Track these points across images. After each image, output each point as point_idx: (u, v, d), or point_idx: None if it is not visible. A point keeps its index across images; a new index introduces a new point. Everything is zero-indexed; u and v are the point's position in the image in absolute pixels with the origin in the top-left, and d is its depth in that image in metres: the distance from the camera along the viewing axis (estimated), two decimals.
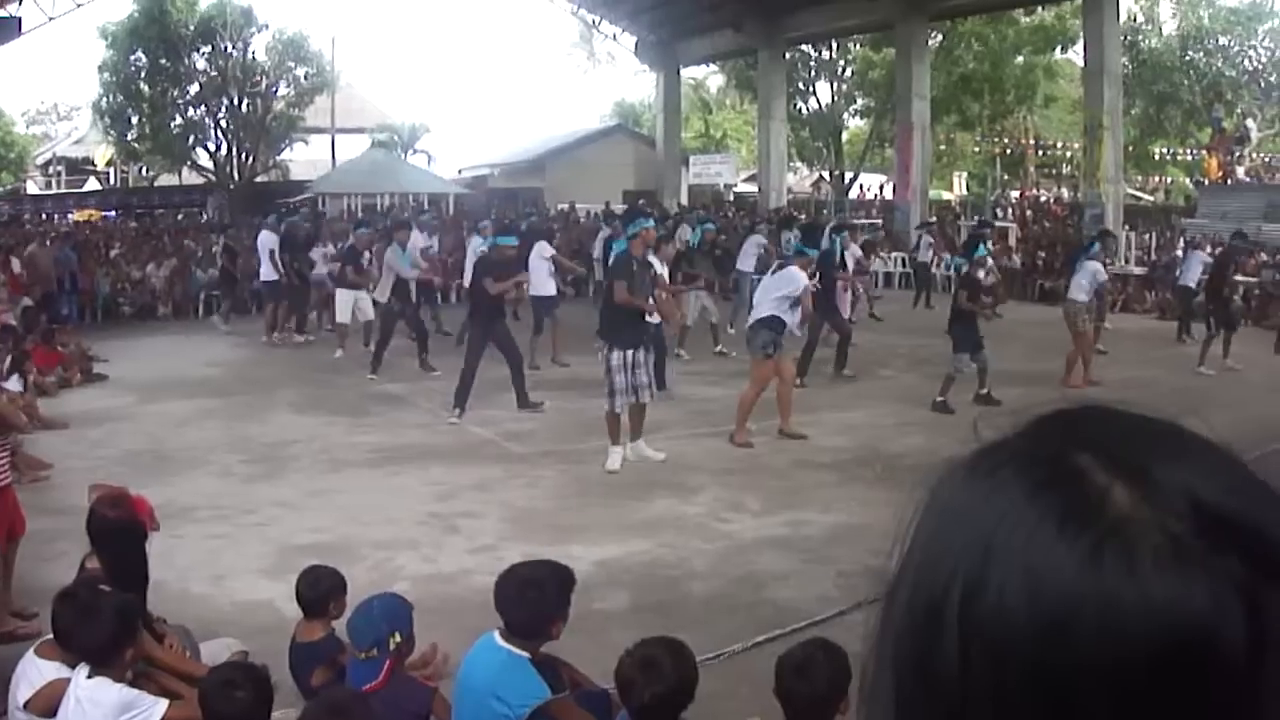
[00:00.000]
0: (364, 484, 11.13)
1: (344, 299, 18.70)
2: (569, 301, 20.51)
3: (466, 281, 18.36)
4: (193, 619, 6.56)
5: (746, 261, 20.19)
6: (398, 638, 4.92)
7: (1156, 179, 50.18)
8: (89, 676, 4.65)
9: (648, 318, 12.23)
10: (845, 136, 51.54)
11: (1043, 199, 44.09)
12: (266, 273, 21.23)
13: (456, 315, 19.26)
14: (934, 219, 31.69)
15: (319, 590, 5.78)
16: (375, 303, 18.02)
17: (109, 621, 4.74)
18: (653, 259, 12.61)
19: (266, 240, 21.28)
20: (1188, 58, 49.29)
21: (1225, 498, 0.74)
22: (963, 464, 0.82)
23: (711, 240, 21.75)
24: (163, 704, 4.77)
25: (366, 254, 19.19)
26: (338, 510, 10.15)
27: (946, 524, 0.80)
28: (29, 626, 6.85)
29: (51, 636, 4.96)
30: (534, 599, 4.86)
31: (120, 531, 5.60)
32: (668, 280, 13.95)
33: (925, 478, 0.84)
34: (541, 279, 17.38)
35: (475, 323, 14.57)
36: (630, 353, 11.50)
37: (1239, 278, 20.50)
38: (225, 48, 40.55)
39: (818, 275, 14.23)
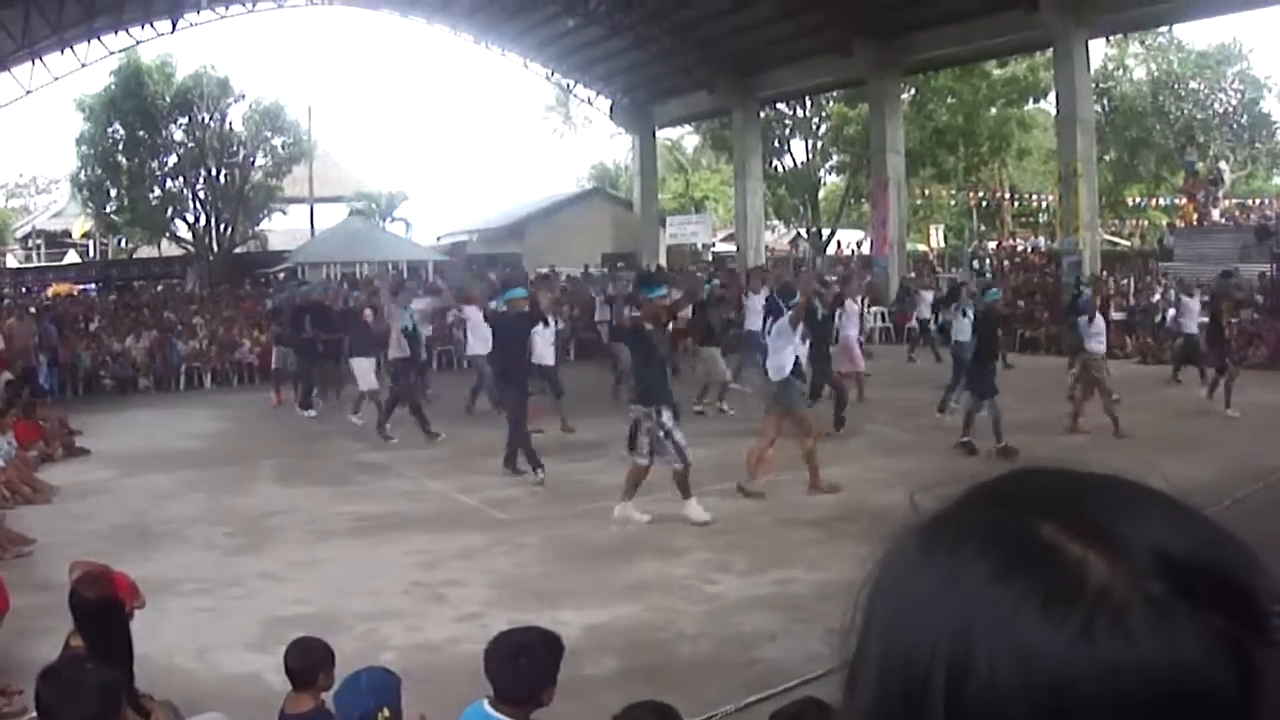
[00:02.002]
0: (348, 554, 11.06)
1: (363, 367, 18.58)
2: (570, 365, 20.59)
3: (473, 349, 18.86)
4: (179, 694, 6.49)
5: (754, 321, 20.09)
6: (386, 713, 4.87)
7: (1134, 223, 50.52)
8: None
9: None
10: (821, 193, 51.83)
11: (1020, 248, 44.33)
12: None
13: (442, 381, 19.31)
14: (925, 278, 31.60)
15: (308, 661, 5.72)
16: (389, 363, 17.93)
17: (92, 699, 4.69)
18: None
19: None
20: (1159, 103, 49.82)
21: (1195, 551, 0.74)
22: (914, 542, 0.81)
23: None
24: None
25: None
26: (323, 581, 10.09)
27: (911, 609, 0.78)
28: (13, 705, 6.78)
29: (35, 715, 4.91)
30: (525, 665, 4.81)
31: (101, 610, 5.56)
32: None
33: (870, 557, 0.83)
34: (544, 349, 17.43)
35: (505, 386, 14.78)
36: (669, 413, 11.71)
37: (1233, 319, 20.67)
38: (202, 119, 40.73)
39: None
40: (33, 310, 28.28)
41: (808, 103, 47.19)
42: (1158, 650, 0.71)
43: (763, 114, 42.21)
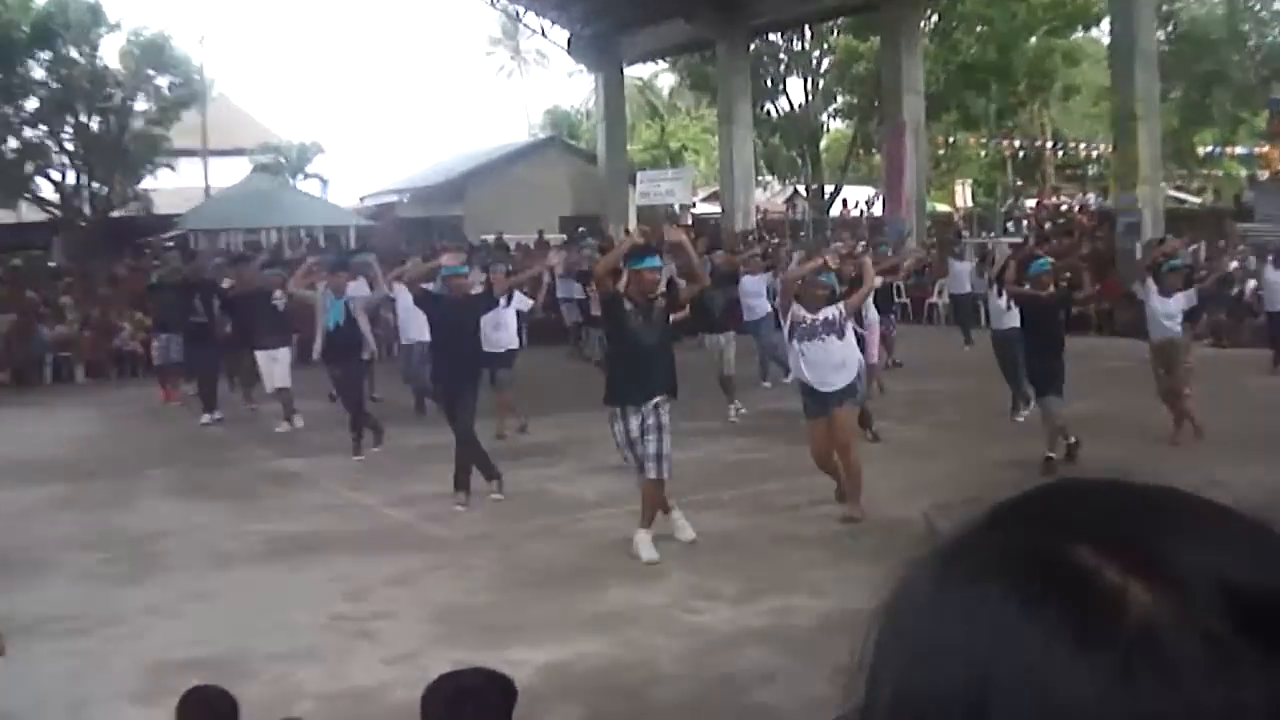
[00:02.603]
0: (255, 583, 11.05)
1: (267, 361, 18.52)
2: (532, 352, 20.66)
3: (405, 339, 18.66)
4: None
5: (756, 306, 20.00)
6: None
7: (1206, 175, 50.50)
8: None
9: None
10: (824, 142, 51.83)
11: (1065, 207, 44.38)
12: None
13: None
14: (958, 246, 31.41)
15: (205, 715, 5.74)
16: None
17: None
18: None
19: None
20: (1237, 28, 49.69)
21: (1265, 580, 0.73)
22: (929, 570, 0.81)
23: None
24: None
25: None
26: (224, 616, 10.08)
27: (926, 649, 0.78)
28: None
29: None
30: (470, 714, 4.84)
31: None
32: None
33: (880, 587, 0.83)
34: (511, 335, 17.33)
35: (447, 384, 14.11)
36: (635, 419, 11.29)
37: None
38: (69, 53, 40.17)
39: None
40: None
41: (807, 33, 47.14)
42: (1214, 698, 0.69)
43: (752, 47, 42.16)
